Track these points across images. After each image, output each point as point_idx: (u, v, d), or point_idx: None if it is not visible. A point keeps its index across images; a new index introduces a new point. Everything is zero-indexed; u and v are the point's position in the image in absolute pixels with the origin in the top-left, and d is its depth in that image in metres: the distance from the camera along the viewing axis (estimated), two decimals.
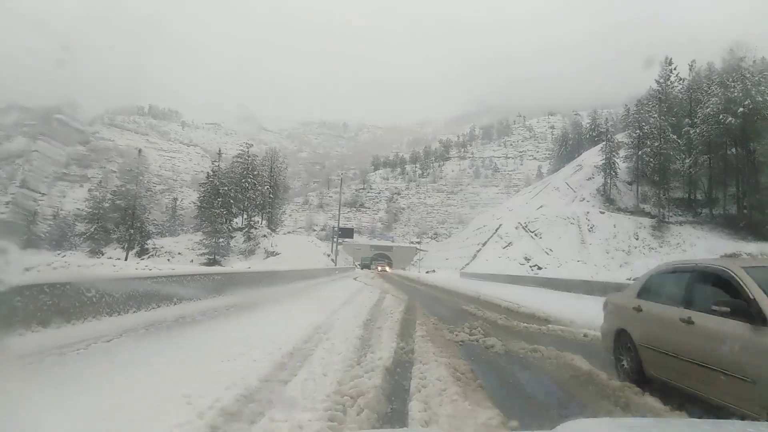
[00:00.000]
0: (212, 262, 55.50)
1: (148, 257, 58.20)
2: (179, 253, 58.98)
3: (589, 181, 77.30)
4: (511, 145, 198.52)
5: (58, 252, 59.58)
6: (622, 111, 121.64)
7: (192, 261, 57.84)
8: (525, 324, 10.10)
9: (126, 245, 56.77)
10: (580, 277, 39.16)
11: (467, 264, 66.84)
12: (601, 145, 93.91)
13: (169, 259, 58.01)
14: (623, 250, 60.64)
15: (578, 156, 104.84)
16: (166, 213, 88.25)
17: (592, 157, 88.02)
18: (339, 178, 54.23)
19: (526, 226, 67.03)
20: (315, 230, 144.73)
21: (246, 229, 62.16)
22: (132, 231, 56.28)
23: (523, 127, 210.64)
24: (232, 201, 66.33)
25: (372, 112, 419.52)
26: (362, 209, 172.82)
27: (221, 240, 57.23)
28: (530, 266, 57.12)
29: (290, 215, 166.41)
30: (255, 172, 72.99)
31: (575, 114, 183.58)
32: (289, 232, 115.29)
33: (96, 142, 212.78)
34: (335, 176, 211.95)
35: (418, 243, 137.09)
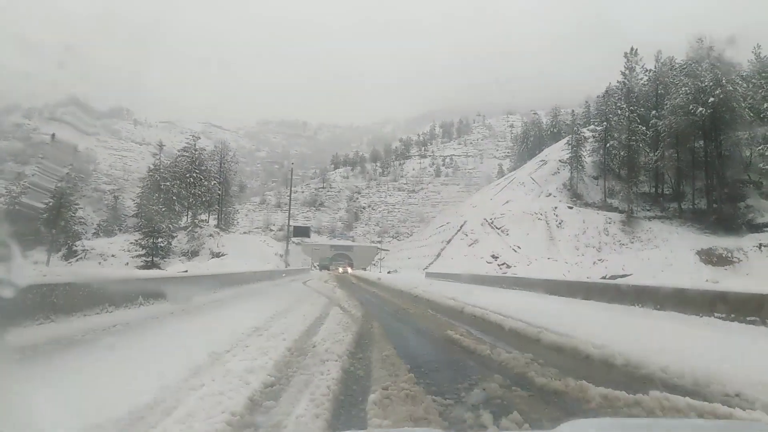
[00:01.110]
0: (149, 265, 48.95)
1: (77, 260, 51.13)
2: (113, 256, 52.08)
3: (555, 176, 74.02)
4: (471, 143, 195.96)
5: None
6: (583, 108, 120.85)
7: (127, 263, 51.10)
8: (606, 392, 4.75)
9: (48, 248, 49.48)
10: (551, 276, 34.89)
11: (431, 263, 62.21)
12: (565, 140, 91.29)
13: (100, 262, 51.09)
14: (593, 247, 57.20)
15: (540, 152, 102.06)
16: (107, 212, 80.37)
17: (556, 152, 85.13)
18: (290, 169, 47.16)
19: (491, 223, 62.94)
20: (272, 230, 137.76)
21: (190, 228, 55.67)
22: (54, 231, 49.03)
23: (483, 125, 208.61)
24: (174, 197, 59.73)
25: (331, 111, 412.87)
26: (322, 208, 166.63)
27: (159, 240, 50.67)
28: (498, 264, 52.89)
29: (247, 215, 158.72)
30: (202, 167, 66.54)
31: (533, 113, 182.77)
32: (245, 233, 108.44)
33: (36, 137, 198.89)
34: (295, 175, 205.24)
35: (380, 242, 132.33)
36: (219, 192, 67.79)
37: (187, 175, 60.63)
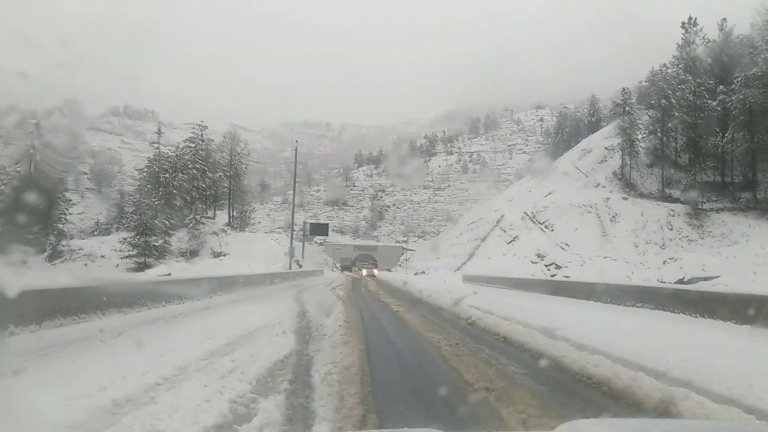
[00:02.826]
0: (142, 266, 41.95)
1: (61, 261, 44.41)
2: (102, 256, 45.25)
3: (602, 165, 64.76)
4: (499, 139, 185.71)
5: None
6: (623, 95, 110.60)
7: (117, 266, 44.23)
8: None
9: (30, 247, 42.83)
10: (642, 282, 26.39)
11: (464, 263, 53.90)
12: (609, 126, 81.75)
13: (86, 264, 44.29)
14: (656, 243, 48.08)
15: (575, 144, 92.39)
16: (112, 210, 74.26)
17: (599, 140, 75.77)
18: (293, 148, 39.30)
19: (533, 217, 54.32)
20: (295, 230, 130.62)
21: (191, 225, 48.50)
22: (36, 229, 42.39)
23: (511, 120, 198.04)
24: (175, 191, 52.72)
25: (355, 112, 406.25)
26: (345, 207, 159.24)
27: (153, 238, 43.63)
28: (546, 265, 44.31)
29: (268, 215, 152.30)
30: (210, 160, 59.49)
31: (563, 107, 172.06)
32: (267, 232, 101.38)
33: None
34: (318, 175, 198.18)
35: (405, 242, 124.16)
36: (226, 185, 60.70)
37: (190, 166, 53.56)
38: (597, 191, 57.36)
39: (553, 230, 51.50)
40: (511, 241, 51.79)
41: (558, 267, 42.77)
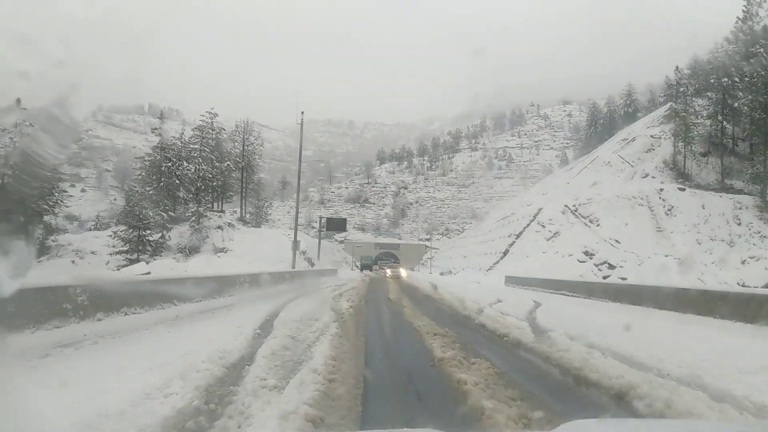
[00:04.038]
0: (135, 263, 36.59)
1: (47, 257, 39.39)
2: (92, 252, 40.14)
3: (649, 154, 57.44)
4: (525, 134, 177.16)
5: None
6: (664, 83, 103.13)
7: (108, 263, 39.06)
8: None
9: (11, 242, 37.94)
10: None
11: (496, 262, 47.46)
12: (654, 114, 74.45)
13: (73, 261, 39.21)
14: (722, 240, 40.92)
15: (609, 137, 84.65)
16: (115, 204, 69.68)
17: (641, 129, 68.43)
18: (299, 122, 33.00)
19: (575, 210, 47.53)
20: (314, 227, 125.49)
21: (193, 219, 43.05)
22: (24, 220, 37.40)
23: (538, 116, 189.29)
24: (178, 182, 47.53)
25: (377, 110, 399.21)
26: (366, 205, 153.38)
27: (147, 232, 38.31)
28: (596, 264, 37.58)
29: (288, 212, 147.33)
30: (221, 150, 54.22)
31: (592, 102, 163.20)
32: (291, 229, 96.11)
33: (90, 141, 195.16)
34: (340, 173, 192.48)
35: (428, 240, 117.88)
36: (237, 177, 55.37)
37: (195, 155, 48.23)
38: (647, 182, 50.22)
39: (599, 225, 44.65)
40: (551, 237, 45.11)
41: (611, 267, 35.99)
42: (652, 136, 61.06)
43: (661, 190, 46.67)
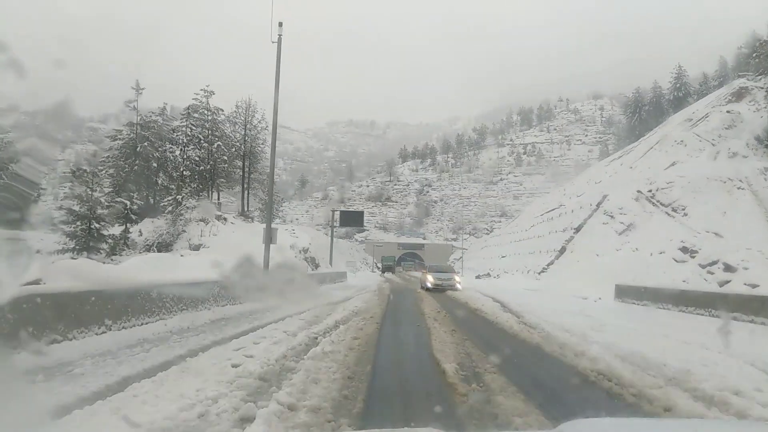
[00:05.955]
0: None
1: None
2: (38, 251, 30.99)
3: (731, 131, 45.92)
4: (554, 129, 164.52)
5: None
6: (717, 66, 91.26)
7: (53, 262, 29.83)
8: None
9: None
10: None
11: (550, 263, 36.74)
12: (718, 92, 62.86)
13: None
14: None
15: (656, 126, 72.90)
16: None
17: (704, 108, 56.85)
18: (274, 41, 22.54)
19: (652, 197, 36.54)
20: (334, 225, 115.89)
21: (172, 208, 33.46)
22: None
23: (567, 110, 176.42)
24: (156, 165, 38.11)
25: (400, 110, 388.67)
26: (389, 203, 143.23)
27: (102, 224, 28.85)
28: (701, 265, 26.56)
29: (307, 211, 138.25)
30: (217, 132, 44.53)
31: (624, 96, 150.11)
32: (286, 222, 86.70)
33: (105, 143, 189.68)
34: (361, 172, 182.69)
35: (454, 240, 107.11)
36: (236, 163, 45.88)
37: (177, 135, 38.89)
38: (737, 162, 38.84)
39: (686, 214, 33.62)
40: (624, 230, 34.30)
41: (729, 269, 25.18)
42: (728, 112, 49.54)
43: (767, 169, 35.36)
